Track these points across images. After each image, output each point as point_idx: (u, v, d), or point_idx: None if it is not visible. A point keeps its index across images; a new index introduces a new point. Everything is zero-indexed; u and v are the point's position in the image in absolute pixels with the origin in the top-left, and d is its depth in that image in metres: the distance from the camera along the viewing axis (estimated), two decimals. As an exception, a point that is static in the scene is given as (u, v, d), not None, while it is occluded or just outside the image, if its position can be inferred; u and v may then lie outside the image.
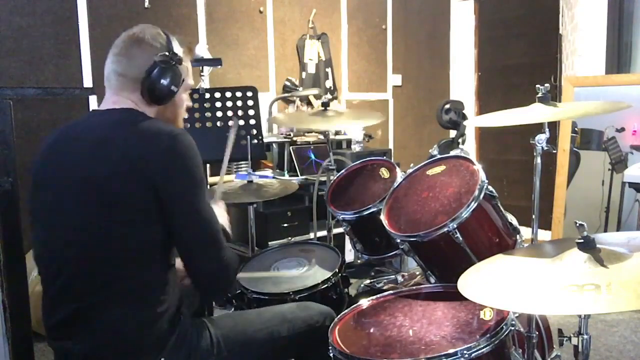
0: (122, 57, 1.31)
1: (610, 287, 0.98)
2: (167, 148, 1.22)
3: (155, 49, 1.31)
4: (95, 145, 1.25)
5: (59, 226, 1.26)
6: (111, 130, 1.26)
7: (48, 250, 1.30)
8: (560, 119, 2.71)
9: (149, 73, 1.29)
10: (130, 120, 1.28)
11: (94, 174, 1.22)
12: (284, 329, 1.47)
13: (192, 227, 1.26)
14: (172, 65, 1.31)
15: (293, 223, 3.24)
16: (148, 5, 3.23)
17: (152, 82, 1.29)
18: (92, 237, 1.22)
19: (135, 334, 1.24)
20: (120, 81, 1.31)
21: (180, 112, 1.43)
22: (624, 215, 3.30)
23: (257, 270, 1.93)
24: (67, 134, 1.33)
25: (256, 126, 2.52)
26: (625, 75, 3.72)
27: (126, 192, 1.21)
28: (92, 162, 1.23)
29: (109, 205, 1.21)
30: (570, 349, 1.23)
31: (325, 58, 4.08)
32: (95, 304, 1.23)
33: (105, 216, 1.21)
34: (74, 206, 1.23)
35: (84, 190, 1.23)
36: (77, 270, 1.24)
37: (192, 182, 1.25)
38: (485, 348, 1.16)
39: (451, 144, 3.50)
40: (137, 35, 1.32)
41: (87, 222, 1.22)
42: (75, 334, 1.25)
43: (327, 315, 1.54)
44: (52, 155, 1.30)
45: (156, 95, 1.31)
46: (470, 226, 1.48)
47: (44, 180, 1.30)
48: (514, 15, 4.43)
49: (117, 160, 1.21)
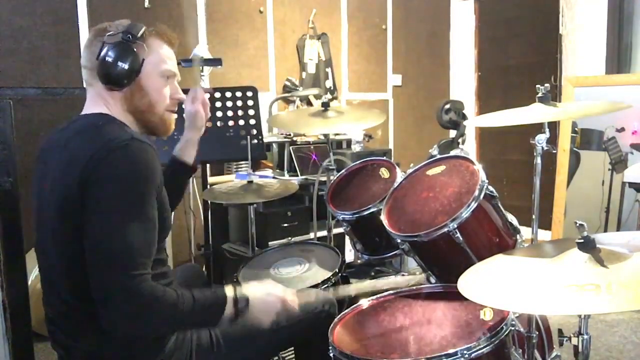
0: (84, 50, 1.30)
1: (611, 287, 0.98)
2: (102, 154, 1.14)
3: (107, 32, 1.26)
4: (59, 152, 1.23)
5: (42, 234, 1.26)
6: (73, 138, 1.23)
7: (39, 257, 1.30)
8: (560, 119, 2.71)
9: (99, 55, 1.24)
10: (90, 127, 1.23)
11: (55, 181, 1.20)
12: (283, 319, 1.44)
13: (98, 242, 1.12)
14: (122, 42, 1.24)
15: (293, 223, 3.24)
16: (148, 5, 3.23)
17: (102, 63, 1.24)
18: (65, 244, 1.19)
19: (129, 342, 1.23)
20: (85, 73, 1.30)
21: (154, 99, 1.32)
22: (624, 215, 3.30)
23: (257, 270, 1.93)
24: (48, 141, 1.32)
25: (256, 126, 2.52)
26: (625, 75, 3.72)
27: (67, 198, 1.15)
28: (57, 169, 1.21)
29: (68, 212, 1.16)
30: (570, 349, 1.23)
31: (325, 58, 4.08)
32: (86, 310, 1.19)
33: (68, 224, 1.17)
34: (48, 214, 1.22)
35: (50, 197, 1.21)
36: (62, 277, 1.23)
37: (116, 194, 1.14)
38: (485, 348, 1.16)
39: (451, 144, 3.50)
40: (99, 26, 1.29)
41: (58, 230, 1.20)
42: (72, 339, 1.25)
43: (326, 302, 1.54)
44: (39, 162, 1.31)
45: (111, 77, 1.24)
46: (470, 226, 1.48)
47: (33, 184, 1.31)
48: (514, 15, 4.43)
49: (68, 167, 1.18)
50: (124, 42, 1.25)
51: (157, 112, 1.34)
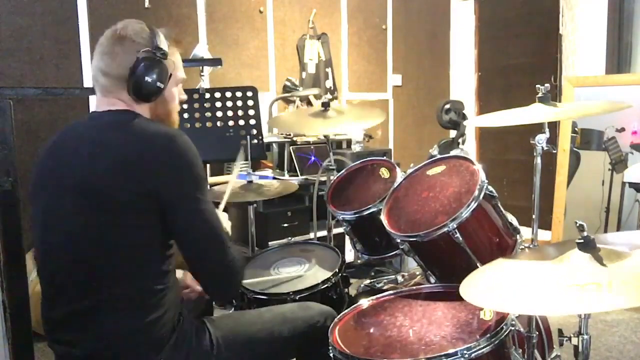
0: (105, 56, 1.29)
1: (611, 286, 0.98)
2: (164, 149, 1.21)
3: (138, 45, 1.27)
4: (92, 148, 1.24)
5: (55, 230, 1.26)
6: (107, 132, 1.25)
7: (45, 253, 1.30)
8: (560, 119, 2.71)
9: (133, 70, 1.26)
10: (126, 122, 1.26)
11: (89, 177, 1.21)
12: (285, 329, 1.46)
13: (196, 228, 1.25)
14: (157, 61, 1.28)
15: (293, 223, 3.24)
16: (148, 5, 3.23)
17: (137, 80, 1.26)
18: (86, 241, 1.21)
19: (131, 338, 1.24)
20: (107, 80, 1.29)
21: (172, 107, 1.40)
22: (624, 215, 3.30)
23: (257, 270, 1.93)
24: (66, 136, 1.32)
25: (256, 126, 2.52)
26: (626, 75, 3.72)
27: (121, 196, 1.19)
28: (88, 165, 1.22)
29: (103, 209, 1.20)
30: (570, 349, 1.24)
31: (325, 58, 4.08)
32: (91, 307, 1.22)
33: (100, 221, 1.20)
34: (69, 210, 1.22)
35: (80, 194, 1.21)
36: (71, 274, 1.23)
37: (192, 182, 1.24)
38: (485, 348, 1.16)
39: (451, 144, 3.50)
40: (119, 32, 1.29)
41: (82, 226, 1.21)
42: (72, 337, 1.25)
43: (328, 315, 1.54)
44: (52, 158, 1.30)
45: (143, 93, 1.28)
46: (470, 226, 1.48)
47: (43, 182, 1.29)
48: (514, 15, 4.43)
49: (113, 163, 1.20)
50: (157, 60, 1.28)
51: (172, 117, 1.41)
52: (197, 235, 1.25)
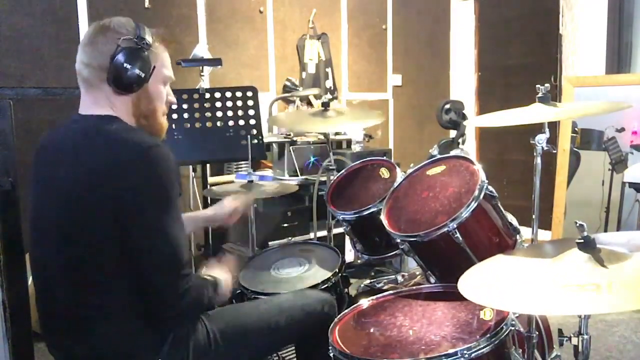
0: (87, 47, 1.26)
1: (611, 287, 0.98)
2: (134, 159, 1.16)
3: (120, 34, 1.24)
4: (67, 155, 1.22)
5: (40, 239, 1.26)
6: (82, 139, 1.23)
7: (34, 261, 1.30)
8: (560, 119, 2.71)
9: (113, 58, 1.22)
10: (102, 129, 1.23)
11: (65, 185, 1.20)
12: (282, 319, 1.46)
13: (150, 247, 1.17)
14: (138, 49, 1.24)
15: (293, 223, 3.24)
16: (148, 5, 3.23)
17: (116, 67, 1.22)
18: (73, 251, 1.20)
19: (129, 342, 1.24)
20: (88, 71, 1.26)
21: (157, 105, 1.34)
22: (624, 215, 3.30)
23: (257, 270, 1.93)
24: (47, 141, 1.32)
25: (256, 126, 2.52)
26: (626, 75, 3.72)
27: (92, 205, 1.16)
28: (64, 172, 1.21)
29: (78, 219, 1.18)
30: (570, 349, 1.23)
31: (325, 58, 4.08)
32: (86, 315, 1.21)
33: (76, 230, 1.18)
34: (50, 219, 1.22)
35: (57, 202, 1.21)
36: (63, 283, 1.23)
37: (156, 197, 1.17)
38: (485, 348, 1.16)
39: (451, 144, 3.49)
40: (103, 23, 1.28)
41: (62, 236, 1.20)
42: (70, 342, 1.25)
43: (326, 302, 1.54)
44: (36, 165, 1.30)
45: (123, 82, 1.23)
46: (470, 226, 1.48)
47: (29, 190, 1.30)
48: (514, 15, 4.43)
49: (84, 171, 1.18)
50: (139, 47, 1.25)
51: (158, 117, 1.36)
52: (149, 255, 1.18)
